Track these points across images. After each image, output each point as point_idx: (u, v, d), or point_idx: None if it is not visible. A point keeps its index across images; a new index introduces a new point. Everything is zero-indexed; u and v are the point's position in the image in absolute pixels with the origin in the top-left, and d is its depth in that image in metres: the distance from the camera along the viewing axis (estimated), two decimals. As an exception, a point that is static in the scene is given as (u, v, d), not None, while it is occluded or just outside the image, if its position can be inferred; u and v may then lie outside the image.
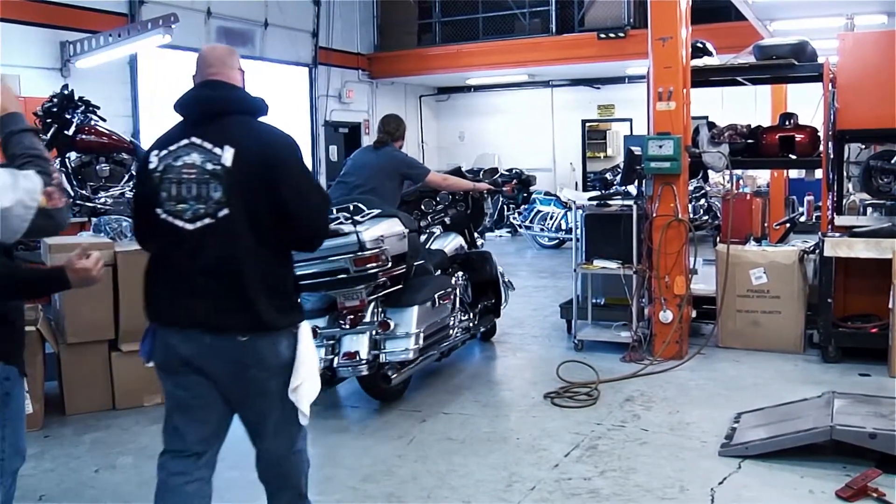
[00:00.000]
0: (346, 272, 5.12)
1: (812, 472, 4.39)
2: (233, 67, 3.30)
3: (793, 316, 6.87)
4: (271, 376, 3.13)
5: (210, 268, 3.06)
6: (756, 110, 12.07)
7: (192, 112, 3.21)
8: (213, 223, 3.04)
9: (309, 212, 3.18)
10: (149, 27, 10.30)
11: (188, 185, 3.06)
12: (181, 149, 3.10)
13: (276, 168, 3.08)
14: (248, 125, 3.18)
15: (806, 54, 7.33)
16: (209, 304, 3.06)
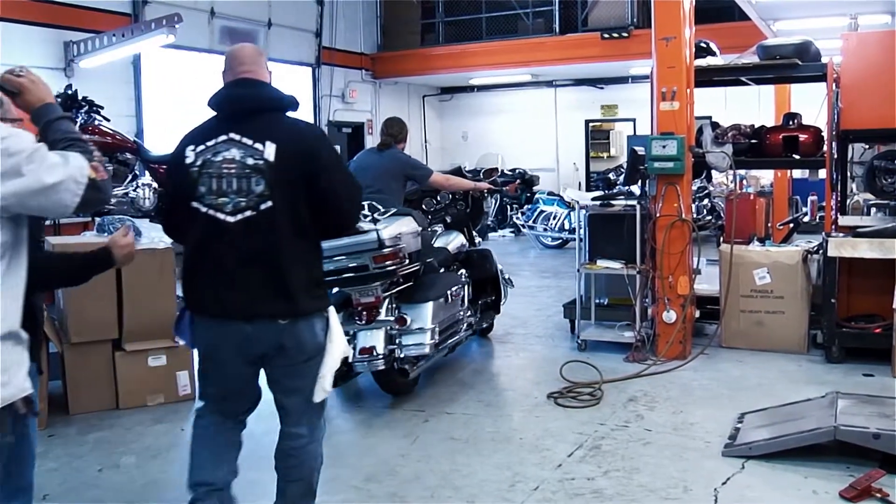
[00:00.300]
0: (365, 269, 5.25)
1: (816, 472, 4.39)
2: (263, 66, 3.45)
3: (796, 316, 6.87)
4: (307, 357, 3.34)
5: (250, 259, 3.21)
6: (759, 110, 12.06)
7: (229, 109, 3.36)
8: (254, 215, 3.20)
9: (346, 198, 3.41)
10: (152, 27, 10.31)
11: (229, 180, 3.22)
12: (220, 144, 3.25)
13: (315, 160, 3.27)
14: (284, 121, 3.36)
15: (810, 54, 7.33)
16: (249, 295, 3.22)
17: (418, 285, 5.80)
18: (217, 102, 3.41)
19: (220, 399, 3.51)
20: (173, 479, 4.64)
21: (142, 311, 5.86)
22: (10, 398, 2.43)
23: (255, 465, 4.72)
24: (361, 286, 5.40)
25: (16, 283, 2.52)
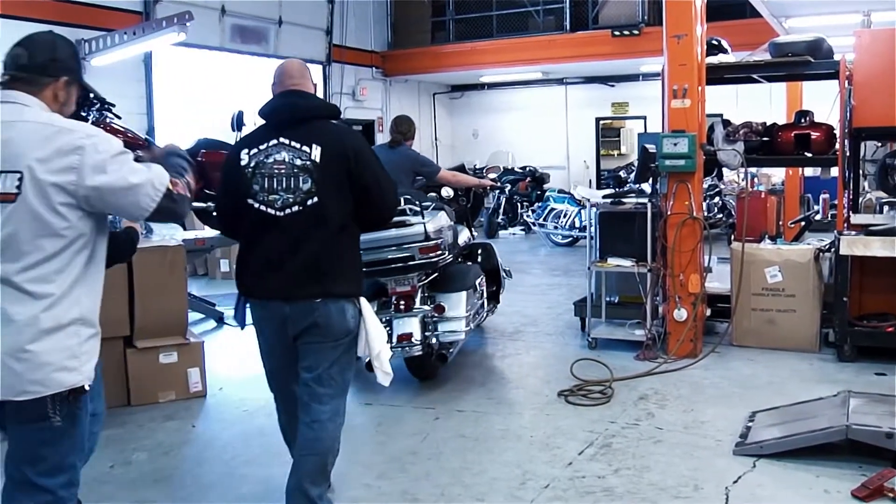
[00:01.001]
0: (412, 259, 5.65)
1: (827, 471, 4.37)
2: (308, 79, 3.89)
3: (808, 314, 6.84)
4: (335, 338, 3.68)
5: (296, 249, 3.61)
6: (771, 108, 12.01)
7: (278, 117, 3.77)
8: (301, 210, 3.61)
9: (384, 194, 3.83)
10: (163, 25, 10.31)
11: (279, 178, 3.62)
12: (271, 148, 3.66)
13: (356, 161, 3.68)
14: (328, 127, 3.77)
15: (822, 51, 7.29)
16: (290, 280, 3.61)
17: (449, 276, 6.15)
18: (268, 112, 3.81)
19: (272, 377, 3.93)
20: (185, 475, 4.68)
21: (153, 309, 5.88)
22: (75, 384, 2.69)
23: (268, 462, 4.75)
24: (401, 276, 5.74)
25: (96, 276, 2.82)
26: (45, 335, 2.63)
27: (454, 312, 5.92)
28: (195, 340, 6.10)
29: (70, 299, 2.70)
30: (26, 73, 2.79)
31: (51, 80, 2.84)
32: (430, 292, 6.00)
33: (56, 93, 2.86)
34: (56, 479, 2.77)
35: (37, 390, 2.63)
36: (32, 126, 2.68)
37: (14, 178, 2.61)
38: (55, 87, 2.85)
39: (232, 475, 4.61)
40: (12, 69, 2.80)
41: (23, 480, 2.75)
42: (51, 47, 2.90)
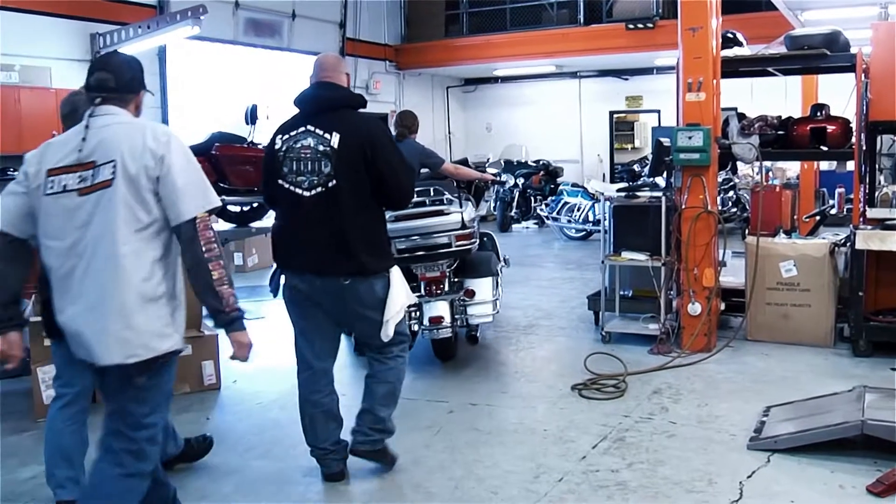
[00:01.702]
0: (448, 246, 6.06)
1: (842, 466, 4.35)
2: (341, 72, 4.35)
3: (823, 309, 6.81)
4: (367, 308, 4.14)
5: (322, 225, 4.04)
6: (786, 101, 11.93)
7: (309, 106, 4.22)
8: (324, 191, 4.04)
9: (399, 180, 4.20)
10: (177, 19, 10.33)
11: (305, 162, 4.08)
12: (300, 134, 4.12)
13: (373, 148, 4.07)
14: (351, 116, 4.19)
15: (838, 44, 7.23)
16: (320, 254, 4.05)
17: (475, 262, 6.49)
18: (300, 101, 4.27)
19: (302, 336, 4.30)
20: (199, 467, 4.69)
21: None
22: (170, 349, 3.12)
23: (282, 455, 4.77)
24: (436, 261, 6.14)
25: (175, 257, 3.19)
26: (143, 307, 3.04)
27: (483, 296, 6.31)
28: (209, 333, 6.12)
29: (157, 276, 3.10)
30: (116, 94, 3.26)
31: (133, 96, 3.35)
32: (456, 278, 6.35)
33: (137, 104, 3.38)
34: (142, 433, 3.21)
35: (139, 354, 3.04)
36: (123, 127, 3.17)
37: (109, 167, 3.07)
38: (137, 100, 3.38)
39: (246, 467, 4.63)
40: (103, 92, 3.24)
41: (116, 431, 3.21)
42: (128, 68, 3.37)
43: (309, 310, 4.21)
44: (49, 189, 3.14)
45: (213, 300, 3.14)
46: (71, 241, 3.09)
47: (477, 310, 6.34)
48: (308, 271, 4.11)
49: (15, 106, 9.77)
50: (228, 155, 8.43)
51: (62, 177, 3.13)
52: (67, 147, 3.17)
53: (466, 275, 6.37)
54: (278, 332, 7.94)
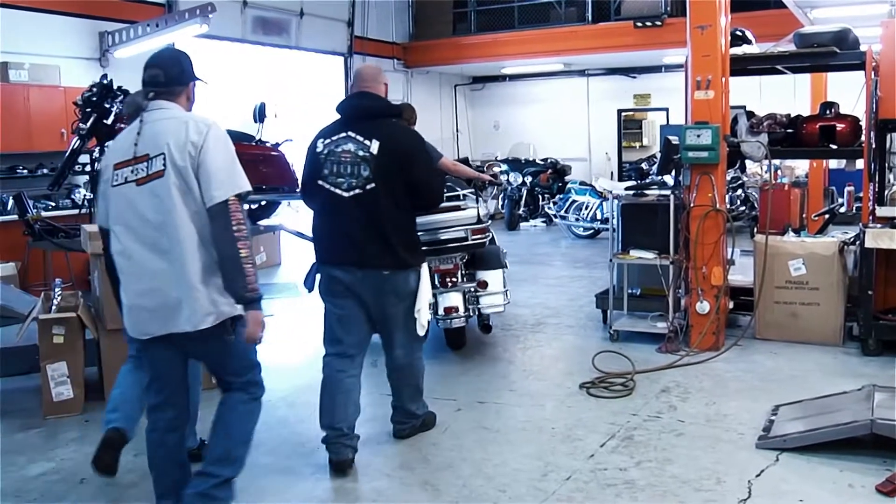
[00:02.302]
0: (465, 239, 6.41)
1: (851, 466, 4.34)
2: (380, 83, 4.69)
3: (832, 308, 6.79)
4: (401, 300, 4.55)
5: (360, 223, 4.40)
6: (795, 99, 11.89)
7: (348, 114, 4.59)
8: (362, 193, 4.40)
9: (431, 186, 4.65)
10: (186, 17, 10.37)
11: (345, 165, 4.42)
12: (341, 139, 4.46)
13: (409, 157, 4.48)
14: (388, 125, 4.56)
15: (848, 42, 7.21)
16: (360, 250, 4.40)
17: (487, 255, 6.77)
18: (342, 108, 4.65)
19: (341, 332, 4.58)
20: (207, 465, 4.69)
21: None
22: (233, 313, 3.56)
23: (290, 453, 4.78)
24: (451, 254, 6.42)
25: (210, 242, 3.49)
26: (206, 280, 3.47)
27: (495, 287, 6.61)
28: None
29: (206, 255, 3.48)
30: (166, 87, 3.62)
31: (183, 88, 3.70)
32: (468, 270, 6.65)
33: (188, 95, 3.75)
34: (244, 377, 3.79)
35: (212, 320, 3.49)
36: (170, 122, 3.53)
37: (160, 159, 3.45)
38: (187, 91, 3.73)
39: (254, 465, 4.62)
40: (154, 87, 3.62)
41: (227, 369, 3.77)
42: (176, 62, 3.72)
43: (347, 300, 4.52)
44: (115, 181, 3.56)
45: (238, 277, 3.46)
46: (135, 227, 3.50)
47: (490, 300, 6.62)
48: (350, 264, 4.44)
49: (24, 104, 9.81)
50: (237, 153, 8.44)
51: (123, 170, 3.54)
52: (127, 143, 3.58)
53: (479, 267, 6.66)
54: (287, 331, 7.97)
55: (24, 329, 5.78)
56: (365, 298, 4.51)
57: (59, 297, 5.95)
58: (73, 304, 5.81)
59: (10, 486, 4.39)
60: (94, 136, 8.06)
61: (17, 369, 6.41)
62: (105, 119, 7.97)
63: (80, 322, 5.54)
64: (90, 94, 8.03)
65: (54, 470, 4.60)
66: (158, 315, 3.49)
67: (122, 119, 8.06)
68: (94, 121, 7.95)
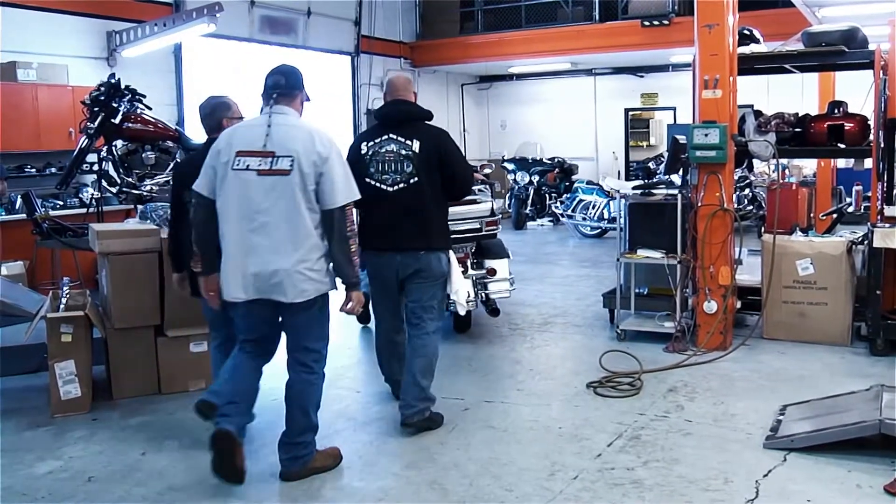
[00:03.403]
0: (479, 230, 7.07)
1: (859, 466, 4.33)
2: (410, 91, 5.34)
3: (840, 308, 6.77)
4: (432, 279, 5.12)
5: (403, 214, 5.01)
6: (803, 98, 11.85)
7: (388, 119, 5.18)
8: (405, 187, 5.03)
9: (465, 178, 5.31)
10: (193, 16, 10.38)
11: (389, 163, 5.04)
12: (383, 141, 5.08)
13: (445, 153, 5.10)
14: (424, 127, 5.20)
15: (856, 41, 7.19)
16: (401, 237, 5.01)
17: (493, 246, 7.40)
18: (381, 115, 5.25)
19: (381, 304, 5.36)
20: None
21: (184, 298, 5.90)
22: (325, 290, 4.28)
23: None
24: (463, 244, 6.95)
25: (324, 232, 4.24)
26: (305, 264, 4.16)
27: (503, 275, 7.23)
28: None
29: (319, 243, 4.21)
30: (286, 91, 4.35)
31: (297, 93, 4.42)
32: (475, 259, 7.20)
33: (301, 100, 4.44)
34: (319, 344, 4.44)
35: (309, 294, 4.18)
36: (298, 130, 4.24)
37: (288, 160, 4.13)
38: (300, 97, 4.44)
39: (261, 464, 4.64)
40: (276, 90, 4.34)
41: (298, 348, 4.36)
42: (293, 73, 4.46)
43: (388, 282, 5.17)
44: (236, 165, 4.18)
45: (347, 267, 4.23)
46: (248, 208, 4.15)
47: (498, 286, 7.27)
48: (391, 249, 5.04)
49: (33, 103, 9.84)
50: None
51: (247, 158, 4.18)
52: (253, 136, 4.22)
53: (487, 256, 7.25)
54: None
55: (33, 328, 5.79)
56: (402, 277, 5.11)
57: (67, 296, 5.96)
58: (80, 303, 5.83)
59: (19, 484, 4.40)
60: (102, 135, 8.09)
61: (26, 368, 6.43)
62: (113, 118, 8.00)
63: (88, 321, 5.56)
64: (98, 93, 8.05)
65: (62, 468, 4.61)
66: (263, 284, 4.16)
67: (129, 118, 8.10)
68: (101, 120, 7.98)
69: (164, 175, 8.29)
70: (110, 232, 5.95)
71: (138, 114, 8.23)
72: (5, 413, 5.55)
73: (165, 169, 8.35)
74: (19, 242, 8.44)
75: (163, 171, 8.32)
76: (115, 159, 8.20)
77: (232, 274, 4.23)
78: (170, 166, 8.37)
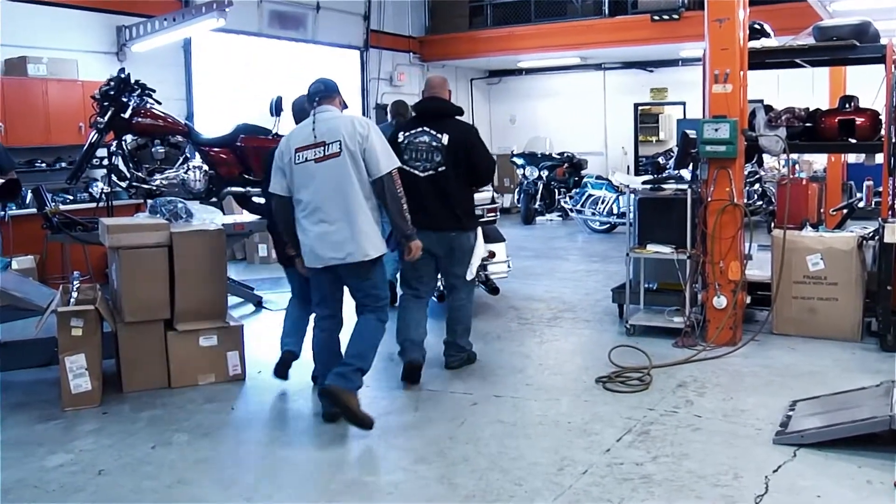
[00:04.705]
0: (482, 216, 7.60)
1: (870, 462, 4.32)
2: (445, 89, 6.21)
3: (850, 303, 6.75)
4: (463, 255, 6.04)
5: (433, 198, 5.78)
6: (813, 93, 11.82)
7: (424, 114, 6.04)
8: (434, 174, 5.84)
9: (488, 167, 6.14)
10: (202, 11, 10.39)
11: (421, 153, 5.86)
12: (418, 132, 5.91)
13: (471, 146, 5.92)
14: (454, 122, 6.01)
15: (868, 35, 7.15)
16: (434, 218, 5.74)
17: (491, 231, 7.93)
18: (418, 110, 6.14)
19: (415, 279, 6.01)
20: (224, 457, 4.73)
21: (193, 292, 5.94)
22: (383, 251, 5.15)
23: (307, 445, 4.79)
24: None
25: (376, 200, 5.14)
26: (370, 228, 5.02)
27: (501, 257, 7.95)
28: (235, 324, 6.15)
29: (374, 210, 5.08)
30: (326, 94, 5.20)
31: (336, 95, 5.25)
32: None
33: (340, 101, 5.28)
34: (384, 291, 5.29)
35: (372, 254, 5.03)
36: (340, 119, 5.09)
37: (336, 144, 4.97)
38: (339, 98, 5.27)
39: (271, 457, 4.66)
40: (318, 94, 5.19)
41: (367, 297, 5.19)
42: (331, 82, 5.28)
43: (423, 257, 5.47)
44: (297, 160, 5.05)
45: (402, 222, 5.11)
46: (315, 191, 4.99)
47: (497, 267, 8.09)
48: (426, 228, 5.57)
49: (43, 98, 9.86)
50: (253, 147, 8.47)
51: (305, 152, 5.04)
52: (304, 133, 5.09)
53: (486, 240, 7.47)
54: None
55: (43, 321, 5.81)
56: (436, 253, 5.85)
57: (77, 290, 5.97)
58: (91, 297, 5.84)
59: (30, 477, 4.42)
60: (112, 129, 8.11)
61: (36, 361, 6.46)
62: (122, 113, 8.03)
63: (98, 315, 5.57)
64: (108, 87, 8.07)
65: (73, 461, 4.62)
66: (335, 250, 4.98)
67: (139, 112, 8.12)
68: (111, 114, 8.00)
69: (173, 169, 8.32)
70: (120, 226, 5.97)
71: (148, 108, 8.25)
72: (17, 406, 5.58)
73: (175, 163, 8.38)
74: (30, 237, 8.47)
75: (172, 166, 8.35)
76: (125, 154, 8.23)
77: (309, 248, 5.08)
78: (179, 160, 8.40)
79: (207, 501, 4.13)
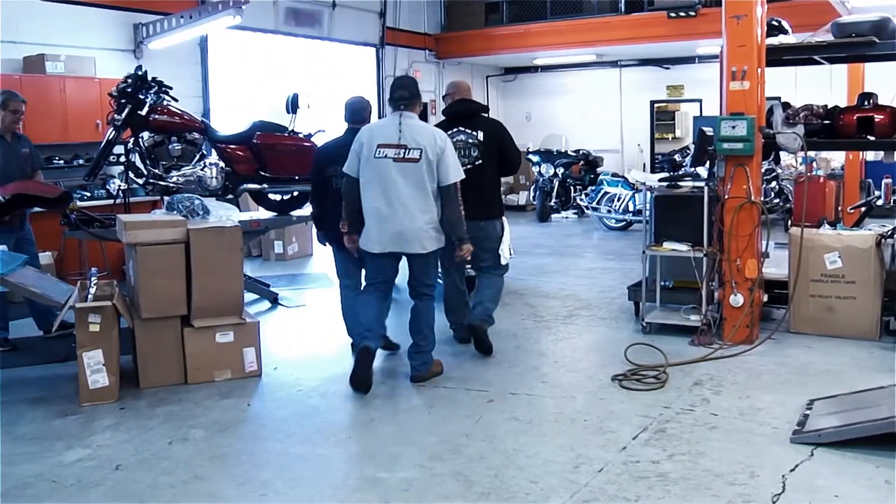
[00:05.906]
0: None
1: (888, 462, 4.29)
2: (471, 92, 6.97)
3: (868, 302, 6.70)
4: (492, 240, 6.62)
5: (469, 189, 5.96)
6: (831, 90, 11.75)
7: (458, 115, 6.66)
8: (472, 168, 6.37)
9: (517, 160, 6.80)
10: (219, 9, 10.41)
11: (459, 150, 6.31)
12: (454, 133, 6.47)
13: (503, 141, 6.63)
14: (486, 119, 6.73)
15: (887, 31, 7.08)
16: (468, 206, 5.87)
17: None
18: (452, 112, 6.73)
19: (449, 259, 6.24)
20: (240, 453, 4.74)
21: (210, 289, 5.96)
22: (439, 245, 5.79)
23: (322, 441, 4.81)
24: None
25: None
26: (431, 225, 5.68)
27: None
28: (251, 320, 6.17)
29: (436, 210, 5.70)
30: (410, 100, 5.83)
31: (417, 100, 5.88)
32: None
33: (420, 107, 5.92)
34: (434, 280, 5.98)
35: (432, 247, 5.72)
36: (423, 129, 5.75)
37: (417, 151, 5.60)
38: (419, 104, 5.91)
39: (286, 454, 4.67)
40: (403, 101, 5.80)
41: (420, 284, 5.91)
42: (414, 84, 5.95)
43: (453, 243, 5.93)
44: (377, 154, 5.65)
45: (459, 227, 5.74)
46: (386, 186, 5.60)
47: None
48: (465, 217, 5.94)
49: (60, 95, 9.92)
50: (269, 144, 8.49)
51: (385, 149, 5.64)
52: (388, 132, 5.69)
53: None
54: (318, 321, 8.01)
55: (61, 317, 5.85)
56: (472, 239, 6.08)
57: (95, 286, 6.01)
58: (108, 293, 5.87)
59: (48, 472, 4.45)
60: (129, 126, 8.14)
61: (54, 357, 6.50)
62: (139, 110, 8.06)
63: (116, 311, 5.60)
64: (125, 85, 8.10)
65: (90, 456, 4.65)
66: (398, 240, 5.65)
67: (155, 110, 8.15)
68: (128, 112, 8.03)
69: (190, 166, 8.35)
70: (137, 223, 6.00)
71: (165, 105, 8.28)
72: (35, 401, 5.62)
73: (191, 160, 8.40)
74: (48, 233, 8.51)
75: (189, 163, 8.38)
76: (142, 151, 8.26)
77: (372, 233, 5.69)
78: (196, 157, 8.42)
79: (223, 497, 4.15)
